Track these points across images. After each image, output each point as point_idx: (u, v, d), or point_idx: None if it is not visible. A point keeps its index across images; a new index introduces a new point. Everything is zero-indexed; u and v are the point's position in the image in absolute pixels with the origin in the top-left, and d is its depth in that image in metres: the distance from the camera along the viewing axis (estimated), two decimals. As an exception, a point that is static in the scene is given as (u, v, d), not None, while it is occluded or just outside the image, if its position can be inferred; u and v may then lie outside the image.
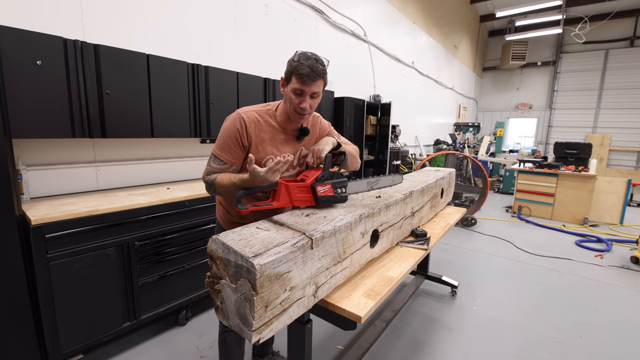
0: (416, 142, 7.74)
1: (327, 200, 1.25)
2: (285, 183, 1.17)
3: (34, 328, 1.67)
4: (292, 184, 1.20)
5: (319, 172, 1.24)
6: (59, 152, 2.12)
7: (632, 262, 3.56)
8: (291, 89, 1.22)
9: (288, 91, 1.24)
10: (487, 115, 12.77)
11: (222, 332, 1.55)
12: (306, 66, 1.17)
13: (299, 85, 1.20)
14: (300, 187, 1.21)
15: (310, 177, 1.25)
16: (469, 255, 3.73)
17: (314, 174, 1.25)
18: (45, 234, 1.61)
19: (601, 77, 10.40)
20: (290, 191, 1.18)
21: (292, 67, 1.21)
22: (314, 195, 1.24)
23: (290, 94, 1.23)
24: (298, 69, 1.18)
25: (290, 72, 1.22)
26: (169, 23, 2.61)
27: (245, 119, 1.27)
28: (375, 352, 2.05)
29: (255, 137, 1.28)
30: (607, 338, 2.26)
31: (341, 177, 1.28)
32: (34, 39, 1.71)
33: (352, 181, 1.39)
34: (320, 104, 3.83)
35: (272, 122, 1.32)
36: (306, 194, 1.23)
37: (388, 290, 1.16)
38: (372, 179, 1.49)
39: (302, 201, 1.23)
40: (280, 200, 1.16)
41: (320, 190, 1.22)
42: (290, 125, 1.34)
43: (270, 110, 1.34)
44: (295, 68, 1.19)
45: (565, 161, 5.63)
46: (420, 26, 7.17)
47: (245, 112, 1.29)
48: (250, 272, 0.79)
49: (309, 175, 1.26)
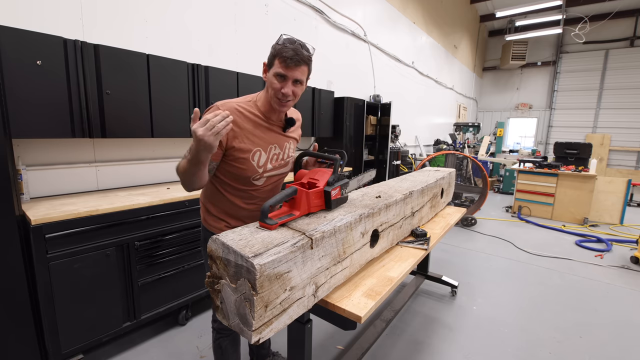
0: (416, 142, 7.74)
1: (337, 203, 1.23)
2: (306, 191, 1.12)
3: (34, 328, 1.67)
4: (310, 191, 1.13)
5: (328, 174, 1.18)
6: (59, 152, 2.12)
7: (632, 262, 3.56)
8: (273, 73, 1.15)
9: (270, 76, 1.17)
10: (487, 115, 12.77)
11: (216, 338, 1.49)
12: (290, 49, 1.11)
13: (282, 69, 1.13)
14: (316, 192, 1.15)
15: (320, 180, 1.17)
16: (469, 255, 3.73)
17: (323, 177, 1.18)
18: (45, 234, 1.61)
19: (601, 77, 10.41)
20: (310, 198, 1.13)
21: (276, 50, 1.13)
22: (326, 200, 1.18)
23: (272, 79, 1.16)
24: (282, 52, 1.12)
25: (273, 55, 1.15)
26: (169, 23, 2.61)
27: (222, 110, 1.17)
28: (375, 352, 2.05)
29: (236, 128, 1.19)
30: (607, 338, 2.26)
31: (344, 178, 1.25)
32: (34, 39, 1.71)
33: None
34: (320, 104, 3.88)
35: (254, 112, 1.24)
36: (320, 199, 1.17)
37: (388, 290, 1.16)
38: (359, 176, 1.49)
39: (317, 207, 1.17)
40: (302, 209, 1.11)
41: (333, 194, 1.18)
42: (274, 114, 1.27)
43: (251, 102, 1.26)
44: (278, 51, 1.12)
45: (565, 161, 5.63)
46: (420, 26, 7.17)
47: (223, 103, 1.20)
48: (250, 272, 0.79)
49: (316, 177, 1.18)
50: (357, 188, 1.61)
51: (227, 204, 1.32)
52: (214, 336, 1.51)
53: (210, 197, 1.35)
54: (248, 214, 1.35)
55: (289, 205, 1.13)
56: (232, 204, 1.32)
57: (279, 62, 1.13)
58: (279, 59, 1.12)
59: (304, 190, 1.11)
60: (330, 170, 1.20)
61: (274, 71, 1.15)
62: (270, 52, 1.16)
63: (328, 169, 1.22)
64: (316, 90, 3.76)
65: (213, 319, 1.52)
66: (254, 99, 1.28)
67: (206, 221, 1.39)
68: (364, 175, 1.55)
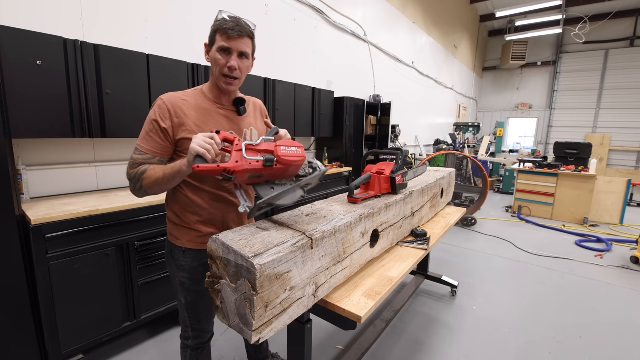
0: (416, 142, 7.74)
1: (400, 187, 1.54)
2: (378, 176, 1.47)
3: (34, 328, 1.67)
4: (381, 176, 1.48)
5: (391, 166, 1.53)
6: (59, 152, 2.12)
7: (632, 262, 3.56)
8: (216, 48, 1.10)
9: (213, 54, 1.11)
10: (487, 115, 12.77)
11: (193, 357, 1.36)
12: (230, 21, 1.08)
13: (224, 41, 1.08)
14: (385, 178, 1.49)
15: (386, 169, 1.52)
16: (469, 255, 3.73)
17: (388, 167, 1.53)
18: (45, 234, 1.61)
19: (601, 77, 10.40)
20: (381, 182, 1.47)
21: (216, 26, 1.09)
22: (392, 184, 1.49)
23: (216, 54, 1.10)
24: (222, 25, 1.07)
25: (214, 31, 1.10)
26: (169, 23, 2.61)
27: (166, 100, 1.11)
28: (375, 352, 2.05)
29: (183, 117, 1.11)
30: (607, 338, 2.26)
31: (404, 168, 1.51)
32: (34, 38, 1.71)
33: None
34: (320, 104, 3.88)
35: (203, 99, 1.18)
36: (387, 183, 1.50)
37: (388, 290, 1.16)
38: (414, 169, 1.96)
39: (386, 189, 1.51)
40: (375, 190, 1.45)
41: (397, 180, 1.50)
42: (224, 97, 1.20)
43: (197, 90, 1.20)
44: (218, 26, 1.08)
45: (565, 161, 5.64)
46: (420, 26, 7.17)
47: (167, 94, 1.14)
48: (250, 272, 0.79)
49: (383, 168, 1.54)
50: (413, 178, 1.97)
51: (192, 206, 1.20)
52: (189, 355, 1.35)
53: (175, 203, 1.23)
54: (215, 217, 1.22)
55: (364, 187, 1.48)
56: (196, 205, 1.19)
57: (220, 35, 1.09)
58: (220, 32, 1.08)
59: (376, 175, 1.47)
60: (393, 163, 1.55)
61: (217, 46, 1.10)
62: (211, 30, 1.12)
63: (391, 162, 1.55)
64: (316, 90, 3.75)
65: (183, 335, 1.37)
66: (199, 88, 1.22)
67: (170, 233, 1.26)
68: (417, 168, 2.06)
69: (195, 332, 1.33)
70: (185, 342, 1.37)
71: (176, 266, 1.25)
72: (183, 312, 1.32)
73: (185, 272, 1.24)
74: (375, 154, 1.66)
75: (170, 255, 1.28)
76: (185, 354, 1.37)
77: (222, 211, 1.23)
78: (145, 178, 1.06)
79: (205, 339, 1.36)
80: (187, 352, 1.36)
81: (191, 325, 1.32)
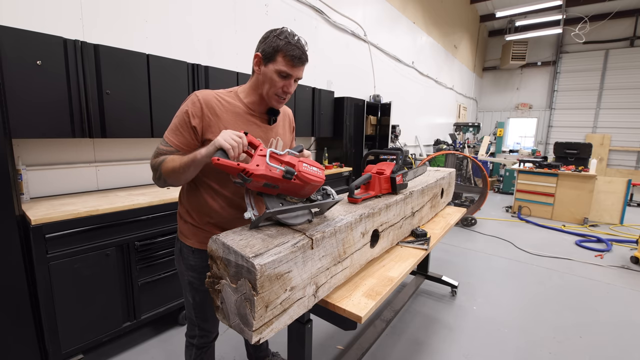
0: (416, 142, 7.74)
1: (400, 187, 1.55)
2: (378, 176, 1.47)
3: (34, 328, 1.67)
4: (381, 176, 1.48)
5: (391, 166, 1.53)
6: (59, 152, 2.12)
7: (632, 262, 3.56)
8: (275, 70, 1.08)
9: (270, 72, 1.09)
10: (487, 115, 12.77)
11: (198, 355, 1.38)
12: (296, 47, 1.06)
13: (287, 68, 1.07)
14: (385, 178, 1.50)
15: (386, 169, 1.52)
16: (469, 255, 3.73)
17: (388, 167, 1.53)
18: (45, 234, 1.60)
19: (601, 77, 10.40)
20: (381, 182, 1.48)
21: (278, 46, 1.06)
22: (392, 184, 1.50)
23: (274, 75, 1.09)
24: (288, 50, 1.05)
25: (275, 50, 1.06)
26: (169, 23, 2.61)
27: (201, 98, 1.10)
28: (375, 352, 2.05)
29: (213, 118, 1.10)
30: (607, 338, 2.26)
31: (404, 168, 1.50)
32: (34, 38, 1.71)
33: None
34: (320, 104, 3.88)
35: (236, 103, 1.16)
36: (387, 183, 1.51)
37: (388, 291, 1.16)
38: (414, 169, 1.93)
39: (386, 190, 1.51)
40: (375, 189, 1.46)
41: (397, 180, 1.50)
42: (260, 107, 1.20)
43: (232, 92, 1.19)
44: (282, 48, 1.05)
45: (565, 161, 5.64)
46: (420, 26, 7.17)
47: (202, 91, 1.13)
48: (250, 272, 0.79)
49: (383, 168, 1.54)
50: (413, 178, 1.96)
51: (206, 207, 1.20)
52: (194, 353, 1.37)
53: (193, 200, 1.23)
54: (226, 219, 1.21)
55: (364, 187, 1.48)
56: (210, 207, 1.19)
57: (284, 60, 1.07)
58: (285, 57, 1.06)
59: (376, 175, 1.47)
60: (393, 163, 1.55)
61: (277, 68, 1.08)
62: (267, 44, 1.08)
63: (391, 162, 1.55)
64: (316, 90, 3.75)
65: (188, 333, 1.39)
66: (233, 90, 1.21)
67: (181, 232, 1.27)
68: (417, 168, 2.04)
69: (202, 331, 1.35)
70: (191, 340, 1.38)
71: (185, 265, 1.26)
72: (190, 310, 1.33)
73: (194, 272, 1.25)
74: (376, 154, 1.61)
75: (179, 254, 1.29)
76: (190, 353, 1.38)
77: (233, 217, 1.23)
78: (164, 167, 1.08)
79: (210, 338, 1.38)
80: (192, 351, 1.37)
81: (198, 324, 1.34)
